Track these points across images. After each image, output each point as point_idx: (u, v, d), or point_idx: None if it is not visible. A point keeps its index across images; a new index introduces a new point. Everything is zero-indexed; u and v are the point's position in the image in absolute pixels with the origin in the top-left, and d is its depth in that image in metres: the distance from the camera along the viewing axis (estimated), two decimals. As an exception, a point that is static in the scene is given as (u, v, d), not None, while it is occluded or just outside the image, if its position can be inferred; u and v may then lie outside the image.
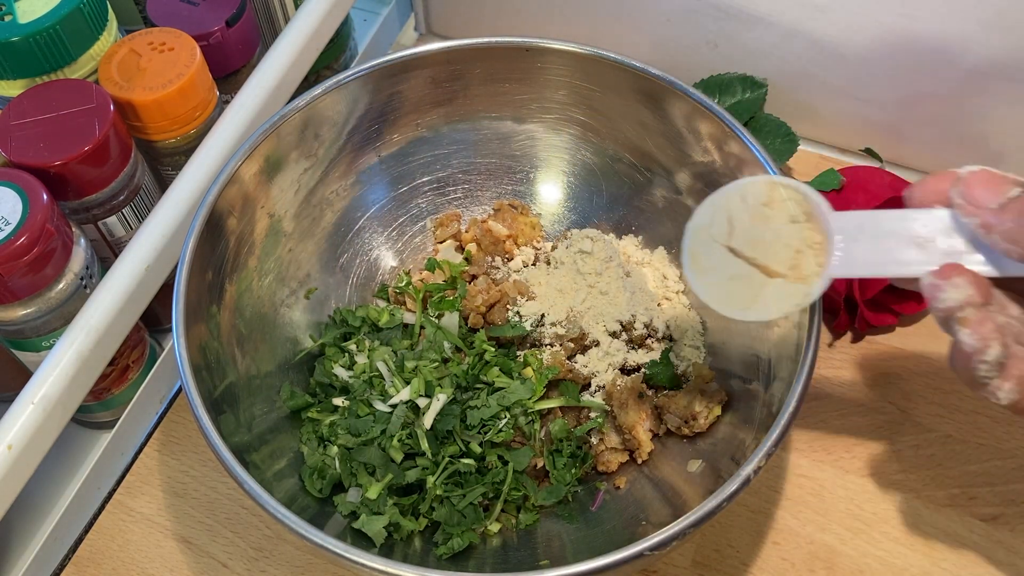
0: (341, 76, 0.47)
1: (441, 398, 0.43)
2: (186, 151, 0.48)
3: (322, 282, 0.50)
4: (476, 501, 0.43)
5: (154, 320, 0.52)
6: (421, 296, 0.49)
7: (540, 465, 0.45)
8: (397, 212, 0.53)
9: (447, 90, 0.51)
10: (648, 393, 0.47)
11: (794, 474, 0.48)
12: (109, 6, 0.47)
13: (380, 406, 0.44)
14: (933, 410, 0.50)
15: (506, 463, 0.44)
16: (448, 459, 0.43)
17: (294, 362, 0.48)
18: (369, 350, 0.47)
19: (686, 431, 0.45)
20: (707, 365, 0.47)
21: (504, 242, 0.52)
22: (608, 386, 0.47)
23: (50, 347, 0.42)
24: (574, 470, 0.45)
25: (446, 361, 0.46)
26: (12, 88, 0.45)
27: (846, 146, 0.62)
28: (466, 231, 0.53)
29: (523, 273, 0.51)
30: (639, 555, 0.34)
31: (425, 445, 0.43)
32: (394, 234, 0.53)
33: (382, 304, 0.51)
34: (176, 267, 0.41)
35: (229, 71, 0.52)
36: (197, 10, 0.50)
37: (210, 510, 0.48)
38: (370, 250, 0.52)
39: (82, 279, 0.43)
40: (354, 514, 0.42)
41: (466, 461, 0.43)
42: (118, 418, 0.49)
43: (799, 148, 0.57)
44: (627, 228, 0.52)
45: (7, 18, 0.43)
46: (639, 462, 0.46)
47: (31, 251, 0.39)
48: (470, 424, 0.44)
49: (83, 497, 0.48)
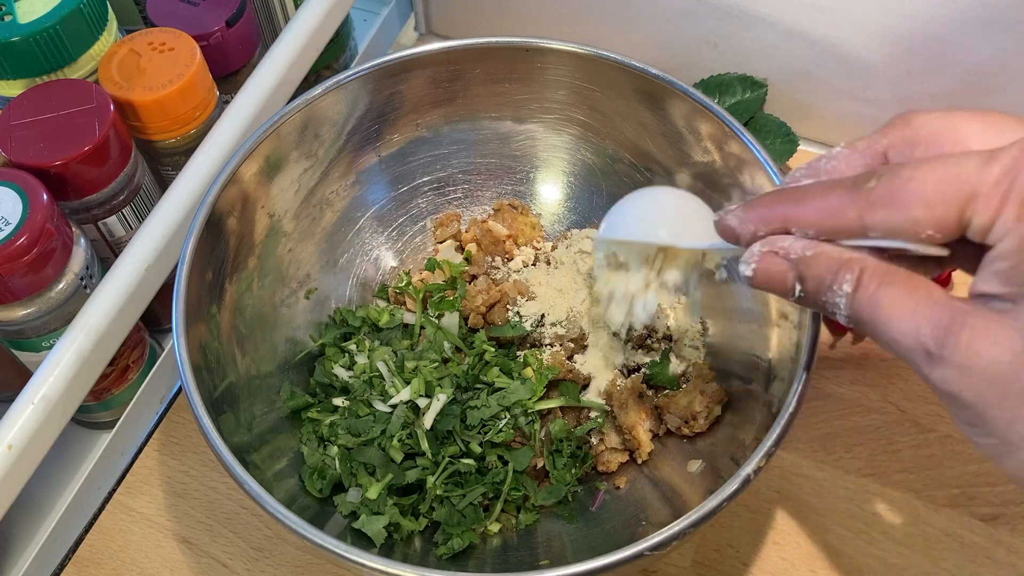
0: (341, 76, 0.47)
1: (441, 398, 0.43)
2: (186, 151, 0.48)
3: (322, 282, 0.50)
4: (476, 501, 0.43)
5: (154, 320, 0.52)
6: (421, 296, 0.49)
7: (540, 465, 0.45)
8: (397, 212, 0.53)
9: (447, 90, 0.51)
10: (648, 393, 0.47)
11: (794, 474, 0.48)
12: (109, 6, 0.47)
13: (380, 406, 0.44)
14: (933, 410, 0.50)
15: (506, 463, 0.44)
16: (448, 459, 0.43)
17: (294, 362, 0.48)
18: (369, 350, 0.47)
19: (686, 431, 0.45)
20: (707, 365, 0.47)
21: (504, 242, 0.52)
22: (608, 386, 0.47)
23: (50, 347, 0.42)
24: (574, 470, 0.45)
25: (446, 361, 0.46)
26: (12, 88, 0.45)
27: (846, 146, 0.62)
28: (466, 231, 0.53)
29: (523, 273, 0.51)
30: (639, 555, 0.34)
31: (425, 445, 0.43)
32: (394, 234, 0.53)
33: (382, 304, 0.51)
34: (176, 267, 0.41)
35: (229, 71, 0.52)
36: (197, 10, 0.50)
37: (210, 510, 0.48)
38: (370, 250, 0.52)
39: (82, 279, 0.43)
40: (354, 514, 0.42)
41: (466, 461, 0.43)
42: (118, 418, 0.49)
43: (799, 148, 0.57)
44: (627, 228, 0.52)
45: (7, 18, 0.43)
46: (639, 462, 0.46)
47: (31, 251, 0.39)
48: (470, 424, 0.44)
49: (83, 497, 0.48)
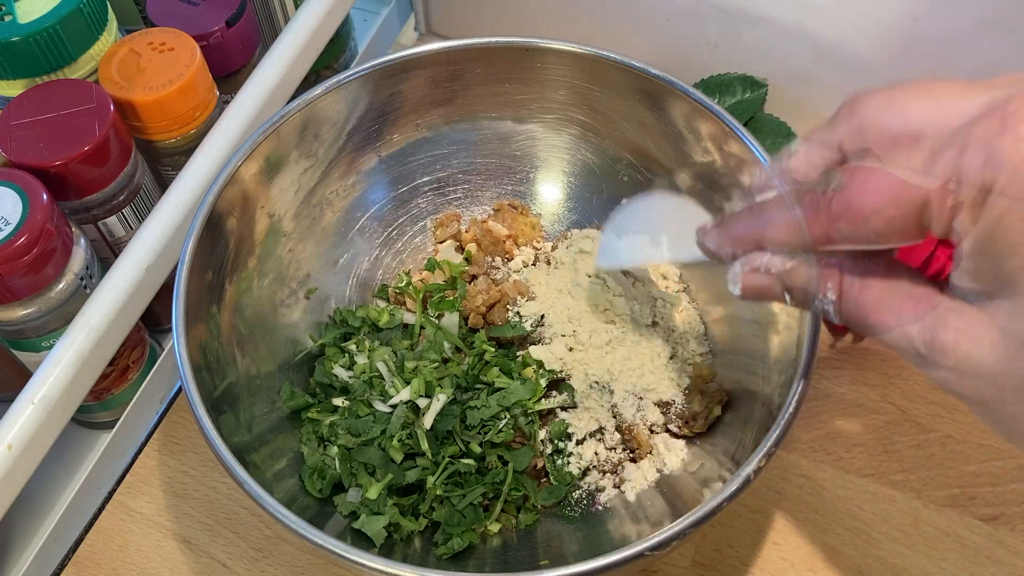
0: (341, 76, 0.47)
1: (441, 398, 0.43)
2: (186, 151, 0.48)
3: (322, 282, 0.50)
4: (476, 501, 0.43)
5: (154, 320, 0.52)
6: (421, 296, 0.49)
7: (540, 465, 0.45)
8: (397, 212, 0.53)
9: (447, 90, 0.51)
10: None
11: (794, 474, 0.48)
12: (109, 6, 0.47)
13: (380, 406, 0.44)
14: (933, 410, 0.50)
15: (506, 463, 0.44)
16: (448, 459, 0.43)
17: (294, 362, 0.48)
18: (369, 350, 0.47)
19: (686, 431, 0.45)
20: (707, 365, 0.47)
21: (504, 242, 0.52)
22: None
23: (50, 347, 0.42)
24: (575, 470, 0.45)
25: (446, 361, 0.46)
26: (12, 88, 0.45)
27: (846, 146, 0.62)
28: (466, 231, 0.53)
29: (523, 273, 0.51)
30: (639, 555, 0.34)
31: (425, 445, 0.43)
32: (394, 234, 0.53)
33: (382, 304, 0.51)
34: (176, 267, 0.41)
35: (229, 71, 0.52)
36: (197, 10, 0.50)
37: (210, 510, 0.48)
38: (370, 250, 0.52)
39: (82, 279, 0.43)
40: (354, 514, 0.42)
41: (466, 461, 0.43)
42: (118, 418, 0.49)
43: (799, 148, 0.57)
44: (627, 228, 0.52)
45: (7, 18, 0.43)
46: (639, 462, 0.46)
47: (31, 251, 0.39)
48: (470, 424, 0.44)
49: (83, 497, 0.48)
